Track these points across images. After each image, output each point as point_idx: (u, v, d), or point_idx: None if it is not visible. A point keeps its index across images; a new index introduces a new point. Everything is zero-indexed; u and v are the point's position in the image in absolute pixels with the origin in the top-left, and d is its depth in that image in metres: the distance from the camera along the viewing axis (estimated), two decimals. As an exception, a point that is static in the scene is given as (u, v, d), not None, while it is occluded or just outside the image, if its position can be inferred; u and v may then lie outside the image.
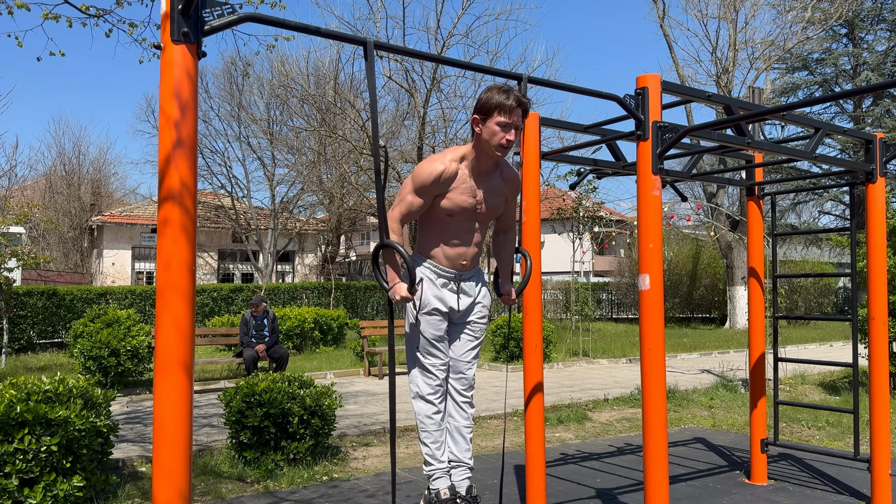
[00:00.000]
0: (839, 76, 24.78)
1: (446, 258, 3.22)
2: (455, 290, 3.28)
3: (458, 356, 3.35)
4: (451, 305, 3.26)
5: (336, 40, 2.55)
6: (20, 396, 4.17)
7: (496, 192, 3.24)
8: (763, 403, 5.15)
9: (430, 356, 3.25)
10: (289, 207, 28.36)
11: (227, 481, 5.20)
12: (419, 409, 3.29)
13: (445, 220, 3.17)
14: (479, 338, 3.41)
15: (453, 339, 3.36)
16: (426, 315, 3.23)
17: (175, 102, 2.21)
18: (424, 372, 3.27)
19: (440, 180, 3.06)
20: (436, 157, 3.12)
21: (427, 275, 3.24)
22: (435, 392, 3.26)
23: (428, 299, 3.22)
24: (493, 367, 12.66)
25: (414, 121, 19.97)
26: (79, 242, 28.61)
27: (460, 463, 3.33)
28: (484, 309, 3.41)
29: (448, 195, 3.11)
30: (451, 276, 3.25)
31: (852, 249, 4.82)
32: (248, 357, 10.08)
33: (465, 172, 3.12)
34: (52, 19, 5.97)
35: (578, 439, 6.74)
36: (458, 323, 3.36)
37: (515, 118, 3.02)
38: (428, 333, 3.23)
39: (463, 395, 3.35)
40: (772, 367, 5.56)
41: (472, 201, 3.16)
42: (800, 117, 4.18)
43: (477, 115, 3.06)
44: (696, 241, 27.27)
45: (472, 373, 3.38)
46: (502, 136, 3.02)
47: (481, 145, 3.08)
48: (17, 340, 14.81)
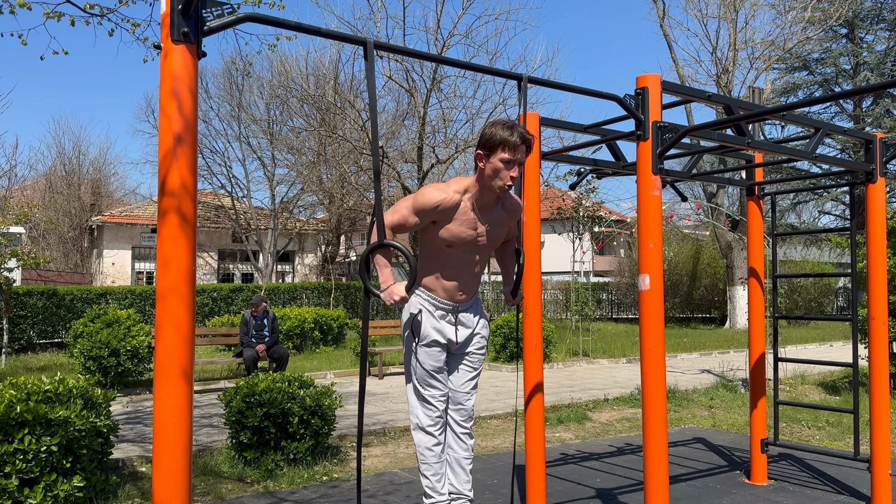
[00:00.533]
0: (839, 76, 24.79)
1: (444, 290, 3.21)
2: (453, 321, 3.27)
3: (456, 387, 3.34)
4: (449, 337, 3.25)
5: (336, 40, 2.55)
6: (20, 396, 4.17)
7: (498, 224, 3.24)
8: (763, 403, 5.15)
9: (430, 388, 3.23)
10: (289, 207, 28.36)
11: (227, 481, 5.20)
12: (419, 440, 3.26)
13: (445, 251, 3.16)
14: (477, 368, 3.39)
15: (452, 370, 3.35)
16: (425, 347, 3.21)
17: (175, 102, 2.21)
18: (424, 403, 3.25)
19: (438, 208, 3.05)
20: (440, 186, 3.12)
21: (425, 307, 3.23)
22: (435, 423, 3.25)
23: (427, 331, 3.21)
24: (493, 367, 12.66)
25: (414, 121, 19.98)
26: (79, 242, 28.62)
27: (460, 495, 3.31)
28: (482, 340, 3.40)
29: (448, 226, 3.10)
30: (449, 308, 3.24)
31: (852, 249, 4.82)
32: (248, 357, 10.08)
33: (467, 205, 3.11)
34: (53, 18, 5.97)
35: (578, 439, 6.74)
36: (456, 354, 3.35)
37: (519, 155, 3.01)
38: (427, 365, 3.22)
39: (462, 426, 3.33)
40: (772, 367, 5.57)
41: (473, 234, 3.15)
42: (800, 117, 4.18)
43: (480, 151, 3.05)
44: (696, 241, 27.28)
45: (471, 404, 3.36)
46: (506, 173, 3.02)
47: (484, 180, 3.08)
48: (17, 340, 14.81)
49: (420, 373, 3.23)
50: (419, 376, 3.24)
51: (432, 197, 3.06)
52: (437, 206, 3.05)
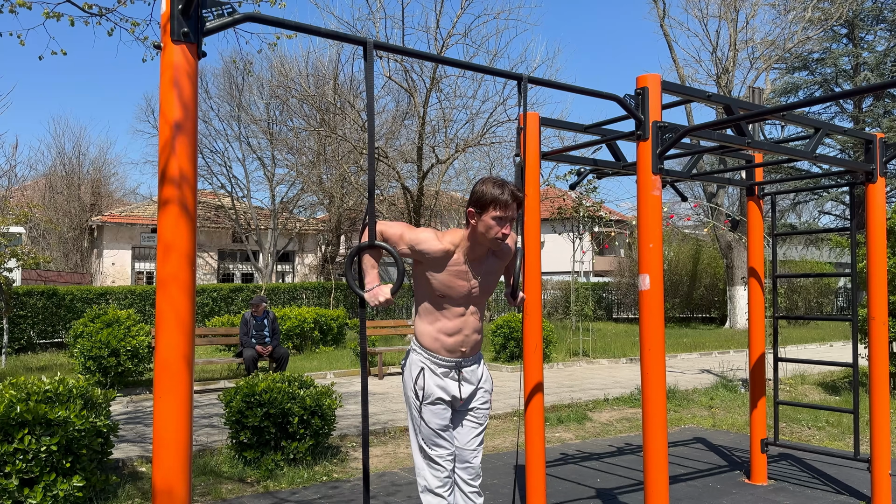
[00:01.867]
0: (839, 76, 24.79)
1: (445, 348, 3.18)
2: (457, 378, 3.22)
3: (462, 444, 3.28)
4: (453, 394, 3.21)
5: (336, 40, 2.55)
6: (20, 396, 4.17)
7: (491, 272, 3.23)
8: (763, 403, 5.15)
9: (437, 447, 3.18)
10: (289, 207, 28.36)
11: (227, 481, 5.20)
12: (428, 503, 3.20)
13: (438, 301, 3.14)
14: (483, 424, 3.34)
15: (456, 427, 3.30)
16: (430, 405, 3.17)
17: (175, 102, 2.21)
18: (431, 464, 3.19)
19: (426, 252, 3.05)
20: (437, 234, 3.13)
21: (427, 365, 3.20)
22: (444, 485, 3.18)
23: (431, 389, 3.17)
24: (494, 367, 12.66)
25: (414, 121, 19.97)
26: (79, 242, 28.61)
27: None
28: (486, 394, 3.35)
29: (437, 275, 3.09)
30: (452, 365, 3.20)
31: (852, 249, 4.82)
32: (248, 357, 10.08)
33: (459, 257, 3.11)
34: (53, 18, 5.97)
35: (578, 439, 6.74)
36: (460, 410, 3.31)
37: (511, 212, 3.02)
38: (433, 424, 3.17)
39: (470, 485, 3.27)
40: (772, 367, 5.57)
41: (466, 286, 3.14)
42: (800, 117, 4.18)
43: (472, 209, 3.06)
44: (696, 241, 27.27)
45: (477, 461, 3.30)
46: (498, 230, 3.02)
47: (476, 237, 3.08)
48: (17, 340, 14.81)
49: (426, 432, 3.17)
50: (425, 436, 3.18)
51: (425, 239, 3.06)
52: (426, 250, 3.05)
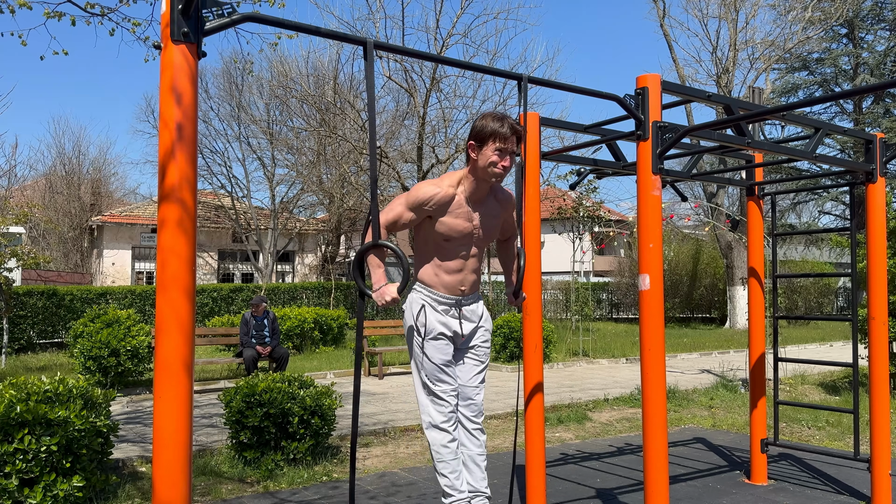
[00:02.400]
0: (839, 76, 24.79)
1: (444, 286, 3.22)
2: (457, 315, 3.28)
3: (465, 382, 3.32)
4: (455, 329, 3.26)
5: (336, 40, 2.55)
6: (20, 396, 4.17)
7: (492, 216, 3.28)
8: (763, 403, 5.15)
9: (441, 382, 3.22)
10: (289, 207, 28.35)
11: (227, 481, 5.20)
12: (434, 439, 3.23)
13: (442, 245, 3.19)
14: (484, 362, 3.39)
15: (458, 364, 3.34)
16: (432, 341, 3.21)
17: (175, 102, 2.21)
18: (435, 400, 3.24)
19: (431, 203, 3.10)
20: (433, 181, 3.18)
21: (428, 302, 3.24)
22: (448, 419, 3.23)
23: (433, 325, 3.22)
24: (494, 367, 12.66)
25: (414, 121, 19.98)
26: (79, 242, 28.60)
27: (478, 493, 3.28)
28: (486, 333, 3.40)
29: (443, 219, 3.13)
30: (452, 303, 3.25)
31: (852, 249, 4.82)
32: (248, 357, 10.08)
33: (461, 198, 3.16)
34: (54, 17, 5.96)
35: (578, 439, 6.74)
36: (461, 348, 3.35)
37: (510, 145, 3.08)
38: (436, 359, 3.21)
39: (473, 421, 3.32)
40: (772, 367, 5.57)
41: (469, 226, 3.19)
42: (800, 117, 4.18)
43: (473, 142, 3.11)
44: (696, 241, 27.27)
45: (480, 398, 3.35)
46: (498, 162, 3.07)
47: (477, 171, 3.14)
48: (17, 340, 14.81)
49: (429, 367, 3.22)
50: (428, 371, 3.22)
51: (426, 192, 3.11)
52: (431, 200, 3.10)
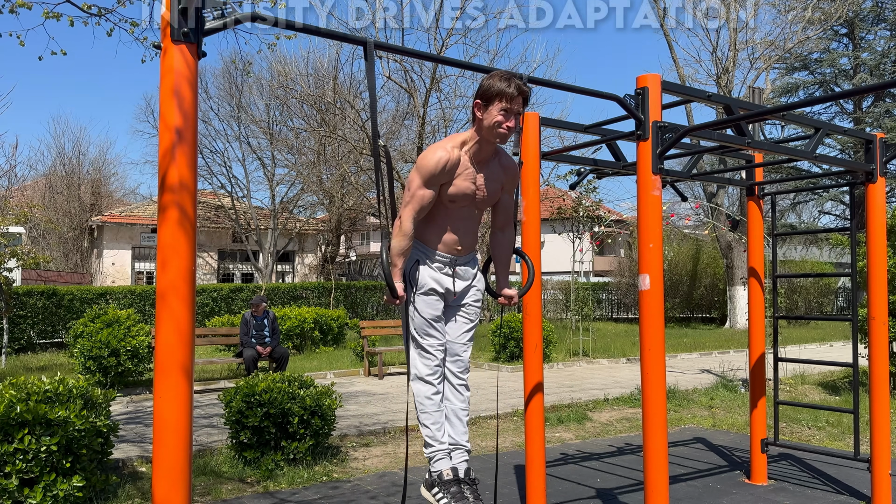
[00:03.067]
0: (839, 76, 24.79)
1: (442, 243, 3.27)
2: (450, 273, 3.32)
3: (453, 338, 3.37)
4: (447, 286, 3.30)
5: (336, 40, 2.55)
6: (20, 396, 4.17)
7: (495, 179, 3.30)
8: (763, 403, 5.15)
9: (428, 336, 3.27)
10: (289, 207, 28.35)
11: (227, 481, 5.20)
12: (418, 390, 3.30)
13: (446, 205, 3.22)
14: (473, 320, 3.44)
15: (448, 321, 3.39)
16: (423, 295, 3.26)
17: (175, 102, 2.21)
18: (422, 353, 3.29)
19: (446, 168, 3.12)
20: (437, 146, 3.17)
21: (422, 258, 3.28)
22: (433, 373, 3.29)
23: (424, 280, 3.26)
24: (494, 367, 12.65)
25: (414, 121, 19.98)
26: (79, 242, 28.60)
27: (458, 445, 3.36)
28: (478, 292, 3.44)
29: (453, 181, 3.15)
30: (447, 261, 3.30)
31: (852, 249, 4.82)
32: (248, 357, 10.07)
33: (466, 158, 3.18)
34: (53, 18, 5.97)
35: (578, 439, 6.74)
36: (453, 305, 3.40)
37: (516, 105, 3.08)
38: (425, 313, 3.26)
39: (459, 377, 3.38)
40: (772, 367, 5.57)
41: (473, 187, 3.21)
42: (800, 117, 4.18)
43: (479, 101, 3.11)
44: (696, 241, 27.27)
45: (467, 355, 3.41)
46: (503, 121, 3.07)
47: (482, 131, 3.14)
48: (17, 340, 14.80)
49: (418, 321, 3.26)
50: (417, 325, 3.27)
51: (437, 160, 3.10)
52: (445, 165, 3.10)
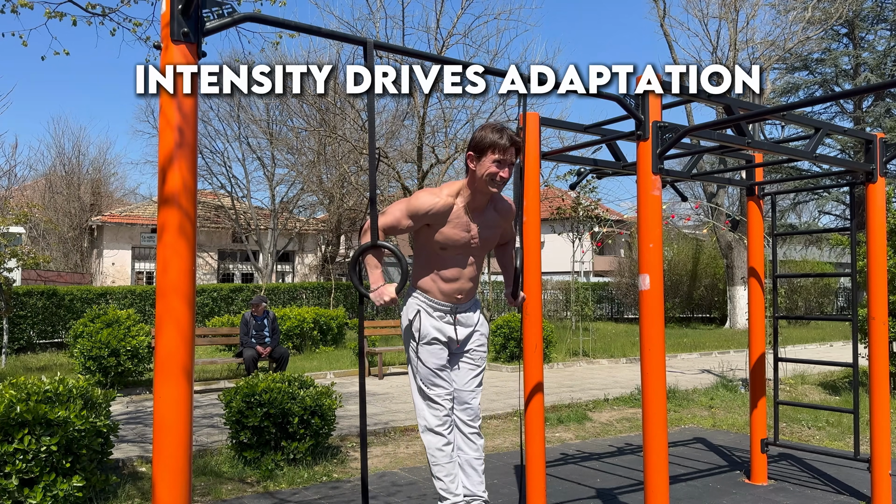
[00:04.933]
0: (839, 76, 24.79)
1: (441, 292, 3.23)
2: (452, 321, 3.29)
3: (460, 386, 3.33)
4: (449, 335, 3.27)
5: (336, 40, 2.55)
6: (20, 396, 4.17)
7: (490, 226, 3.29)
8: (763, 403, 5.15)
9: (435, 386, 3.23)
10: (289, 207, 28.34)
11: (227, 481, 5.20)
12: (429, 442, 3.25)
13: (440, 253, 3.20)
14: (480, 366, 3.39)
15: (454, 369, 3.35)
16: (426, 345, 3.22)
17: (175, 101, 2.21)
18: (430, 403, 3.25)
19: (430, 212, 3.11)
20: (433, 191, 3.18)
21: (423, 308, 3.25)
22: (443, 423, 3.23)
23: (427, 330, 3.23)
24: (493, 367, 12.66)
25: (414, 121, 19.97)
26: (79, 242, 28.59)
27: (475, 497, 3.29)
28: (482, 337, 3.40)
29: (441, 229, 3.14)
30: (447, 309, 3.26)
31: (852, 249, 4.82)
32: (248, 357, 10.08)
33: (460, 208, 3.17)
34: (55, 17, 5.96)
35: (578, 439, 6.74)
36: (457, 353, 3.36)
37: (509, 156, 3.10)
38: (430, 363, 3.22)
39: (470, 425, 3.32)
40: (772, 367, 5.57)
41: (467, 236, 3.19)
42: (800, 117, 4.18)
43: (471, 153, 3.12)
44: (696, 241, 27.27)
45: (476, 402, 3.35)
46: (496, 172, 3.09)
47: (476, 182, 3.15)
48: (17, 340, 14.80)
49: (424, 372, 3.23)
50: (423, 376, 3.23)
51: (425, 201, 3.11)
52: (430, 210, 3.11)
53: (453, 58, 2.86)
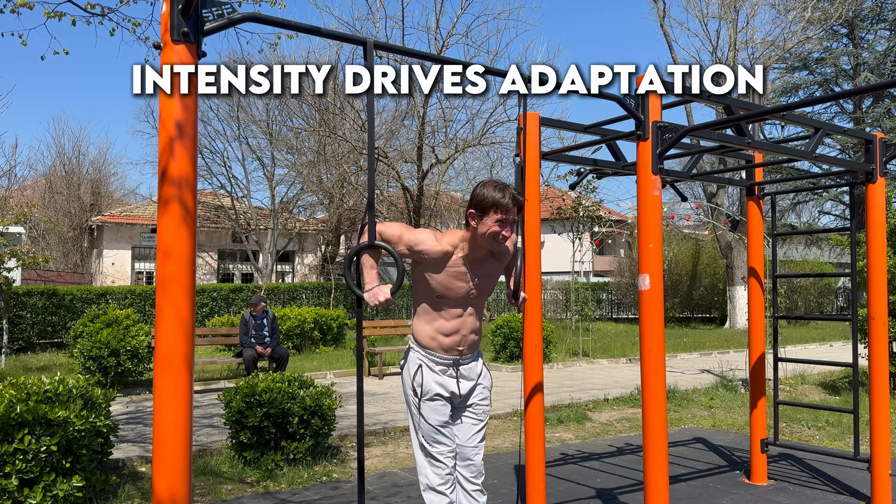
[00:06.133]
0: (839, 76, 24.79)
1: (442, 347, 3.18)
2: (454, 375, 3.22)
3: (463, 441, 3.26)
4: (452, 390, 3.21)
5: (336, 40, 2.55)
6: (20, 396, 4.17)
7: (490, 275, 3.24)
8: (763, 403, 5.15)
9: (437, 444, 3.17)
10: (289, 207, 28.34)
11: (227, 481, 5.20)
12: (430, 501, 3.18)
13: (438, 303, 3.15)
14: (483, 420, 3.32)
15: (456, 423, 3.29)
16: (429, 401, 3.17)
17: (175, 102, 2.21)
18: (432, 461, 3.18)
19: (424, 254, 3.06)
20: (436, 235, 3.13)
21: (425, 363, 3.19)
22: (445, 482, 3.17)
23: (429, 385, 3.17)
24: (493, 367, 12.66)
25: (414, 121, 19.97)
26: (79, 242, 28.59)
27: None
28: (486, 391, 3.34)
29: (437, 276, 3.09)
30: (450, 363, 3.20)
31: (852, 249, 4.82)
32: (248, 357, 10.07)
33: (458, 258, 3.12)
34: (54, 17, 5.96)
35: (578, 439, 6.74)
36: (459, 407, 3.30)
37: (511, 215, 3.05)
38: (432, 420, 3.16)
39: (473, 482, 3.25)
40: (772, 367, 5.57)
41: (465, 287, 3.14)
42: (800, 117, 4.18)
43: (473, 210, 3.07)
44: (696, 241, 27.27)
45: (479, 458, 3.28)
46: (499, 232, 3.04)
47: (477, 239, 3.09)
48: (17, 340, 14.80)
49: (426, 429, 3.16)
50: (425, 433, 3.17)
51: (424, 241, 3.07)
52: (425, 251, 3.05)
53: (453, 58, 2.86)
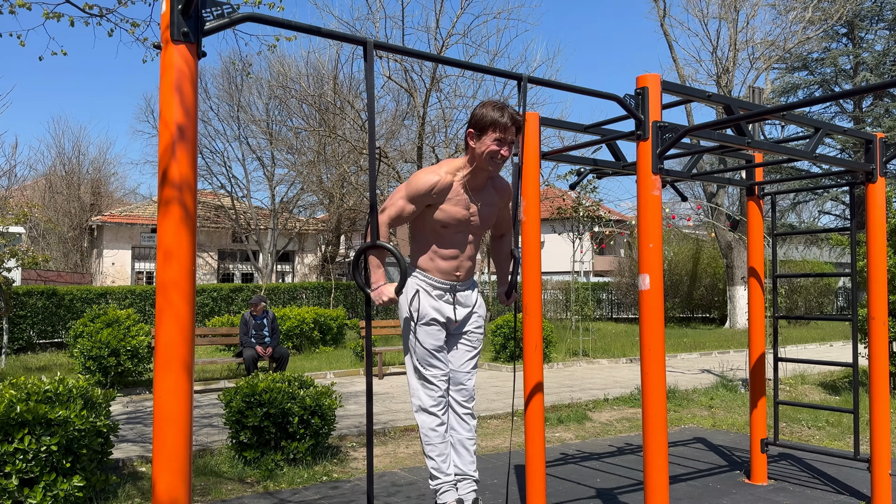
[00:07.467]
0: (839, 76, 24.79)
1: (440, 271, 3.23)
2: (451, 300, 3.28)
3: (457, 367, 3.34)
4: (448, 315, 3.27)
5: (335, 40, 2.55)
6: (20, 396, 4.17)
7: (489, 204, 3.29)
8: (763, 403, 5.15)
9: (431, 367, 3.24)
10: (289, 207, 28.34)
11: (227, 481, 5.20)
12: (423, 422, 3.26)
13: (439, 231, 3.20)
14: (476, 347, 3.40)
15: (451, 349, 3.36)
16: (424, 326, 3.22)
17: (175, 102, 2.21)
18: (426, 384, 3.26)
19: (433, 191, 3.10)
20: (431, 169, 3.17)
21: (422, 286, 3.25)
22: (438, 404, 3.25)
23: (425, 310, 3.23)
24: (494, 367, 12.65)
25: (414, 121, 19.97)
26: (79, 242, 28.59)
27: (465, 476, 3.31)
28: (480, 319, 3.41)
29: (442, 207, 3.14)
30: (447, 288, 3.26)
31: (852, 249, 4.82)
32: (248, 357, 10.08)
33: (459, 185, 3.17)
34: (53, 18, 5.97)
35: (578, 439, 6.74)
36: (455, 333, 3.37)
37: (510, 135, 3.09)
38: (427, 344, 3.23)
39: (464, 406, 3.34)
40: (772, 367, 5.57)
41: (466, 213, 3.19)
42: (800, 117, 4.18)
43: (472, 130, 3.11)
44: (696, 241, 27.26)
45: (472, 383, 3.37)
46: (497, 151, 3.08)
47: (475, 160, 3.14)
48: (17, 340, 14.81)
49: (420, 352, 3.23)
50: (419, 356, 3.24)
51: (426, 180, 3.10)
52: (432, 188, 3.09)
53: (453, 58, 2.87)
